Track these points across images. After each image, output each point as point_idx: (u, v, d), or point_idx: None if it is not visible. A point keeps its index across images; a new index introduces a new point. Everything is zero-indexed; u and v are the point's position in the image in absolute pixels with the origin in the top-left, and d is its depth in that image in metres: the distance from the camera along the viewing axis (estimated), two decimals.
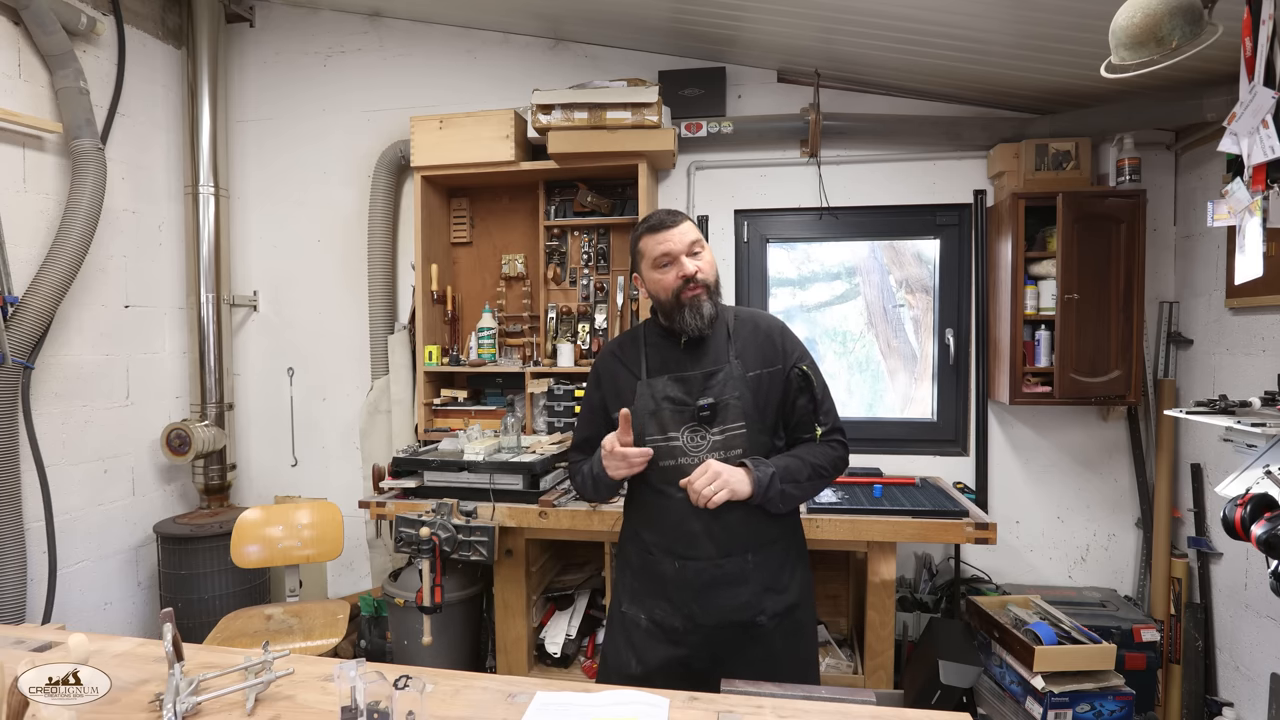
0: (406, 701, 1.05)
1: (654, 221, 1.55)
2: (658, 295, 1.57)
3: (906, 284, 3.22)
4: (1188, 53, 1.42)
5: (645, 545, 1.60)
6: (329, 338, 3.41)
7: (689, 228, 1.55)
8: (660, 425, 1.55)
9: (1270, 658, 2.31)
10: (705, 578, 1.53)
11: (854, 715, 1.15)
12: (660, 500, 1.57)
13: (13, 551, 2.48)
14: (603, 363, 1.70)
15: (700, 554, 1.53)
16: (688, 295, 1.52)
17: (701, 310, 1.52)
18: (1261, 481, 1.53)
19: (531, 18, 3.05)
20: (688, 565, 1.54)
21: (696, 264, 1.52)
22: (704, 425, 1.53)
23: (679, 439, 1.54)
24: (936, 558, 2.98)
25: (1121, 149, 2.64)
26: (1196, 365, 2.66)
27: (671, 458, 1.55)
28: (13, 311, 2.51)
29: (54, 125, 2.65)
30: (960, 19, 2.25)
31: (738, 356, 1.57)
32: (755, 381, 1.56)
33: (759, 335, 1.61)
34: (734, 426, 1.53)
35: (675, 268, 1.52)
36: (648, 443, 1.55)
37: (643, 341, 1.65)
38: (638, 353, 1.64)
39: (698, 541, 1.53)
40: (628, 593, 1.65)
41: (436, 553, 2.28)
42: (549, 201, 3.08)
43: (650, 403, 1.57)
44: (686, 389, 1.55)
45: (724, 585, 1.52)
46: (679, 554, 1.54)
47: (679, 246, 1.52)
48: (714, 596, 1.52)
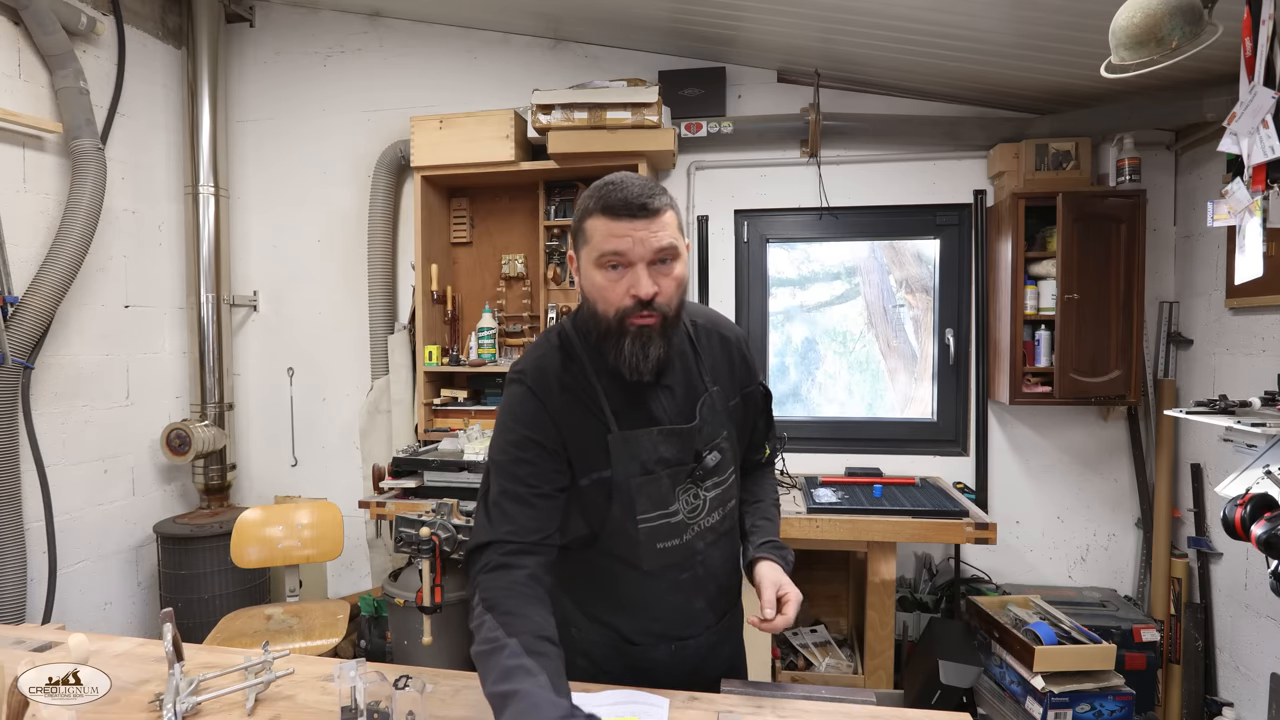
0: (406, 701, 1.05)
1: (617, 199, 1.02)
2: (593, 304, 1.07)
3: (906, 284, 3.22)
4: (1188, 53, 1.42)
5: (624, 635, 1.23)
6: (329, 338, 3.41)
7: (665, 224, 1.03)
8: (655, 500, 1.13)
9: (1270, 658, 2.31)
10: (704, 649, 1.27)
11: (854, 715, 1.14)
12: (656, 585, 1.19)
13: (13, 551, 2.48)
14: (539, 386, 1.12)
15: (701, 627, 1.25)
16: (634, 323, 1.04)
17: (647, 351, 1.05)
18: (1261, 481, 1.53)
19: (531, 18, 3.05)
20: (687, 644, 1.24)
21: (658, 282, 1.03)
22: (698, 484, 1.16)
23: (679, 512, 1.15)
24: (936, 558, 2.98)
25: (1121, 149, 2.63)
26: (1196, 365, 2.66)
27: (674, 536, 1.16)
28: (13, 311, 2.51)
29: (54, 125, 2.65)
30: (960, 19, 2.25)
31: (715, 382, 1.20)
32: (734, 412, 1.24)
33: (729, 351, 1.25)
34: (726, 476, 1.20)
35: (627, 280, 1.03)
36: (640, 525, 1.12)
37: (589, 367, 1.13)
38: (590, 385, 1.12)
39: (702, 618, 1.25)
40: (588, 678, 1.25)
41: (436, 553, 2.27)
42: (549, 201, 3.08)
43: (637, 469, 1.11)
44: (683, 444, 1.14)
45: (719, 644, 1.29)
46: (677, 636, 1.24)
47: (640, 251, 1.02)
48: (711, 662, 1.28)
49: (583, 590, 1.25)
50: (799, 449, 3.03)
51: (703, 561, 1.20)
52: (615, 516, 1.13)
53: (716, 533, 1.21)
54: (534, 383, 1.13)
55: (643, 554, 1.15)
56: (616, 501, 1.13)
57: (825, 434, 3.10)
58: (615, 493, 1.12)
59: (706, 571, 1.22)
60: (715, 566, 1.23)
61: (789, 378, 3.31)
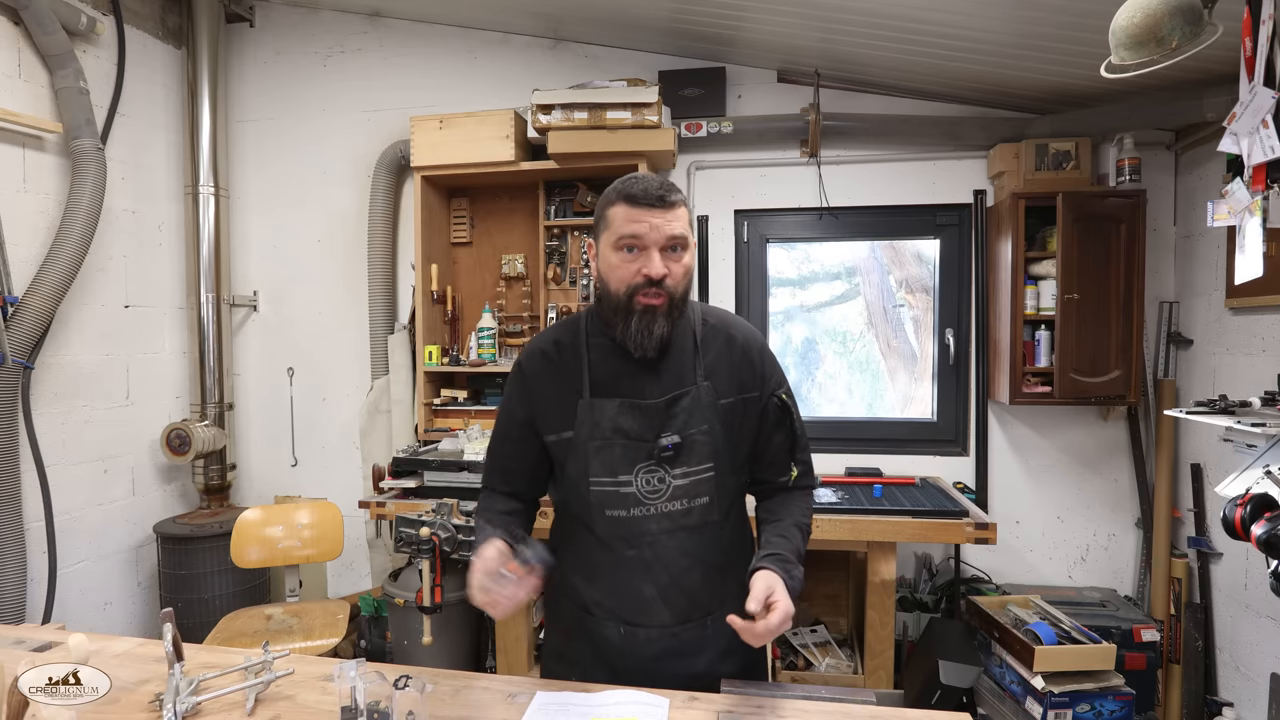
0: (406, 701, 1.05)
1: (637, 190, 1.16)
2: (607, 283, 1.20)
3: (906, 284, 3.22)
4: (1188, 53, 1.42)
5: (583, 603, 1.30)
6: (329, 338, 3.41)
7: (679, 216, 1.17)
8: (608, 466, 1.22)
9: (1270, 658, 2.31)
10: (656, 648, 1.25)
11: (854, 715, 1.14)
12: (605, 555, 1.26)
13: (13, 551, 2.48)
14: (530, 364, 1.31)
15: (653, 621, 1.25)
16: (642, 301, 1.17)
17: (652, 328, 1.18)
18: (1261, 481, 1.53)
19: (531, 18, 3.05)
20: (636, 632, 1.25)
21: (668, 266, 1.17)
22: (664, 466, 1.22)
23: (632, 484, 1.22)
24: (936, 558, 2.98)
25: (1121, 149, 2.63)
26: (1196, 365, 2.66)
27: (623, 507, 1.23)
28: (13, 311, 2.51)
29: (54, 125, 2.65)
30: (960, 19, 2.25)
31: (707, 377, 1.25)
32: (728, 411, 1.25)
33: (734, 352, 1.28)
34: (701, 470, 1.23)
35: (641, 260, 1.16)
36: (591, 487, 1.23)
37: (585, 343, 1.27)
38: (578, 359, 1.27)
39: (651, 608, 1.24)
40: (554, 652, 1.37)
41: (436, 553, 2.27)
42: (549, 201, 3.08)
43: (595, 434, 1.22)
44: (645, 420, 1.22)
45: (678, 655, 1.26)
46: (626, 619, 1.25)
47: (655, 236, 1.15)
48: (666, 667, 1.25)
49: (561, 550, 1.33)
50: None
51: (652, 545, 1.24)
52: (572, 475, 1.26)
53: (675, 522, 1.24)
54: (524, 359, 1.34)
55: (594, 517, 1.25)
56: (574, 462, 1.25)
57: (825, 434, 3.10)
58: (573, 452, 1.25)
59: (655, 556, 1.24)
60: (668, 555, 1.24)
61: (789, 378, 3.30)
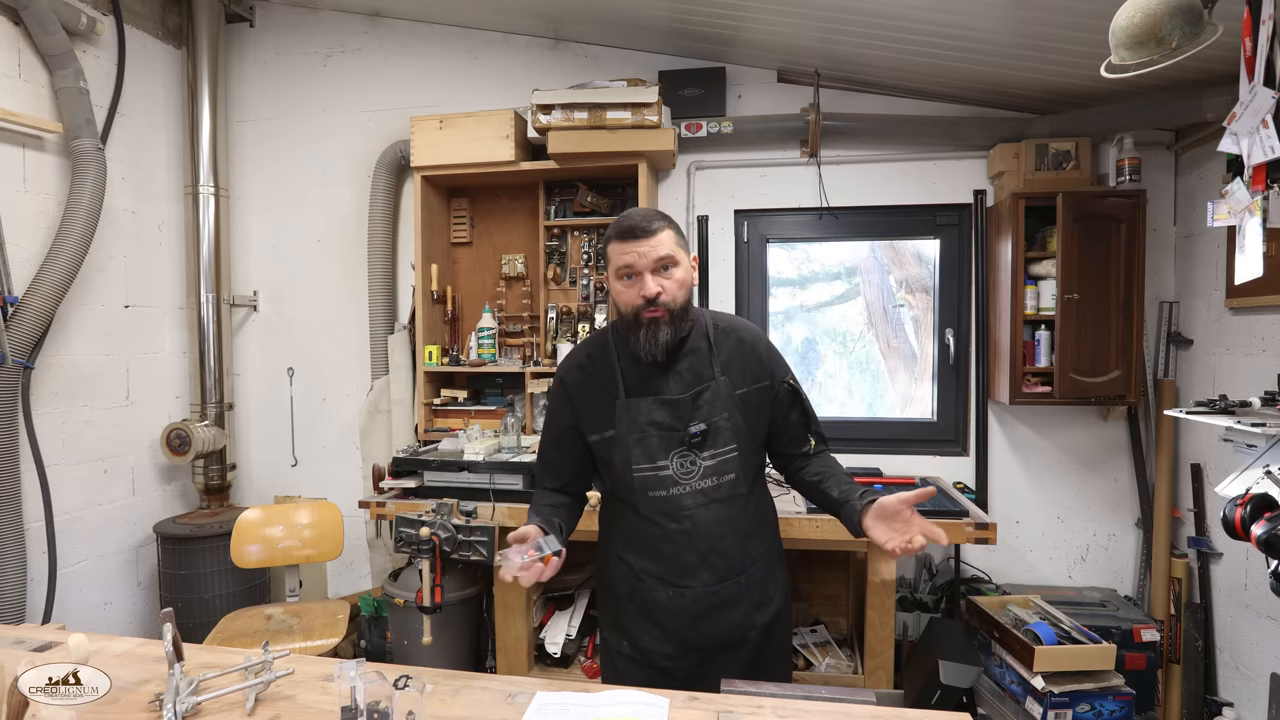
0: (406, 701, 1.05)
1: (624, 226, 1.41)
2: (618, 307, 1.48)
3: (906, 284, 3.22)
4: (1188, 53, 1.42)
5: (634, 572, 1.53)
6: (329, 338, 3.41)
7: (662, 240, 1.40)
8: (648, 453, 1.46)
9: (1270, 658, 2.31)
10: (701, 605, 1.48)
11: (854, 715, 1.14)
12: (651, 529, 1.49)
13: (13, 551, 2.48)
14: (570, 376, 1.56)
15: (696, 582, 1.47)
16: (645, 316, 1.41)
17: (657, 336, 1.41)
18: (1261, 481, 1.53)
19: (531, 18, 3.05)
20: (684, 593, 1.48)
21: (660, 284, 1.40)
22: (694, 451, 1.46)
23: (669, 468, 1.46)
24: (936, 558, 2.98)
25: (1121, 149, 2.63)
26: (1196, 365, 2.66)
27: (663, 488, 1.47)
28: (13, 311, 2.51)
29: (54, 125, 2.65)
30: (960, 19, 2.25)
31: (724, 372, 1.49)
32: (744, 400, 1.49)
33: (743, 349, 1.53)
34: (726, 450, 1.47)
35: (637, 285, 1.40)
36: (635, 473, 1.47)
37: (615, 354, 1.52)
38: (610, 368, 1.51)
39: (695, 571, 1.47)
40: (609, 621, 1.60)
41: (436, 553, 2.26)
42: (549, 201, 3.08)
43: (634, 428, 1.46)
44: (675, 413, 1.46)
45: (719, 610, 1.49)
46: (673, 583, 1.48)
47: (644, 262, 1.39)
48: (708, 622, 1.49)
49: (610, 529, 1.61)
50: None
51: (690, 517, 1.46)
52: (617, 465, 1.49)
53: (708, 497, 1.47)
54: (564, 373, 1.58)
55: (639, 499, 1.48)
56: (618, 454, 1.48)
57: (825, 434, 3.09)
58: (617, 447, 1.48)
59: (695, 527, 1.47)
60: (705, 525, 1.47)
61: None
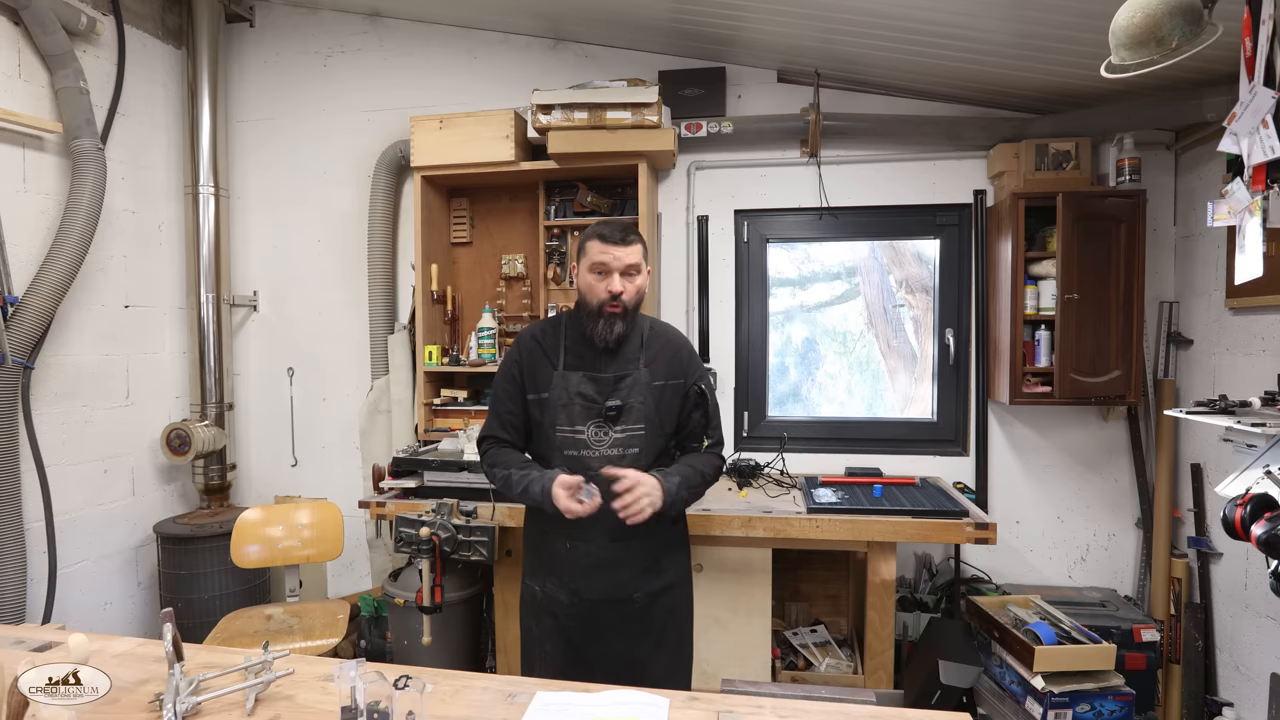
0: (406, 701, 1.05)
1: (607, 232, 1.67)
2: (584, 296, 1.71)
3: (906, 284, 3.22)
4: (1188, 53, 1.42)
5: (543, 526, 1.77)
6: (329, 338, 3.41)
7: (634, 252, 1.68)
8: (570, 418, 1.71)
9: (1270, 658, 2.31)
10: (591, 559, 1.71)
11: (854, 715, 1.15)
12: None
13: (13, 551, 2.48)
14: (525, 343, 1.80)
15: (591, 538, 1.70)
16: (607, 310, 1.67)
17: (613, 327, 1.68)
18: (1261, 481, 1.53)
19: (531, 18, 3.05)
20: (578, 546, 1.72)
21: (624, 285, 1.67)
22: (609, 423, 1.70)
23: (585, 433, 1.71)
24: (936, 558, 2.98)
25: (1121, 149, 2.63)
26: (1196, 365, 2.66)
27: (575, 449, 1.71)
28: (13, 311, 2.50)
29: (54, 125, 2.65)
30: (960, 19, 2.25)
31: (647, 365, 1.74)
32: (659, 391, 1.73)
33: (669, 350, 1.78)
34: (635, 428, 1.71)
35: (607, 281, 1.67)
36: (557, 433, 1.71)
37: (563, 334, 1.78)
38: (558, 344, 1.77)
39: (591, 528, 1.66)
40: (528, 566, 1.85)
41: (436, 553, 2.27)
42: (549, 201, 3.08)
43: (564, 395, 1.72)
44: (598, 388, 1.71)
45: (607, 566, 1.71)
46: (572, 536, 1.71)
47: (617, 265, 1.66)
48: (597, 575, 1.71)
49: None
50: (799, 449, 3.04)
51: (594, 478, 1.64)
52: (545, 425, 1.74)
53: (612, 464, 1.67)
54: (522, 340, 1.82)
55: (555, 456, 1.73)
56: (547, 414, 1.73)
57: (825, 434, 3.10)
58: (547, 408, 1.73)
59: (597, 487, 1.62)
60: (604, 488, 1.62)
61: (789, 378, 3.31)
